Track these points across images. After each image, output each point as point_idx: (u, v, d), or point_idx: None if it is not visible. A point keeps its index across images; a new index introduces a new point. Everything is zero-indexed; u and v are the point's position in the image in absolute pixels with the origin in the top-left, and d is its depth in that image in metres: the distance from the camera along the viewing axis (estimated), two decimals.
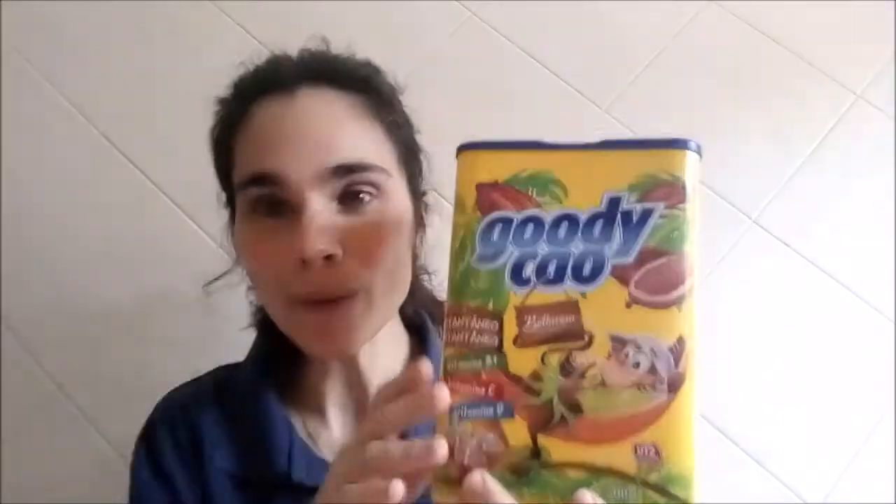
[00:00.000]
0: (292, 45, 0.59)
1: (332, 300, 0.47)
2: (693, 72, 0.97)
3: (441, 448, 0.31)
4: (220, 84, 0.61)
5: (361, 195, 0.48)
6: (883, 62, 0.97)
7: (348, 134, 0.49)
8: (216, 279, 0.66)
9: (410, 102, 0.60)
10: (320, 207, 0.47)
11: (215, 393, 0.60)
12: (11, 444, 0.81)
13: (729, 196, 0.90)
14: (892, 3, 0.99)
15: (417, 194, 0.57)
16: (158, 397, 0.84)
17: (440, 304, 0.72)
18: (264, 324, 0.64)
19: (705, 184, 0.91)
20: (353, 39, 1.00)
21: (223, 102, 0.57)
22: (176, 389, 0.63)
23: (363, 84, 0.53)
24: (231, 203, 0.56)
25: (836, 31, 0.98)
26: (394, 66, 0.60)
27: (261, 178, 0.48)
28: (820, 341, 0.84)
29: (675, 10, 1.00)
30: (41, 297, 0.86)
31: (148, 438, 0.59)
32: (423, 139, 0.61)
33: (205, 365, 0.83)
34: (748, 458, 0.79)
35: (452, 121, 0.64)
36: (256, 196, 0.49)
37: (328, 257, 0.46)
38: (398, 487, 0.31)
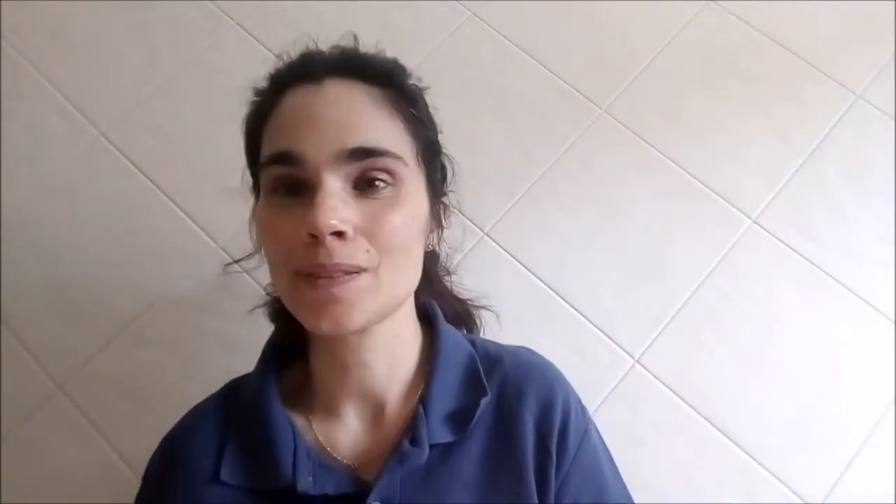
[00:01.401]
0: (296, 44, 0.60)
1: (337, 276, 0.47)
2: (693, 72, 0.97)
3: None
4: (220, 84, 0.61)
5: (377, 182, 0.49)
6: (883, 62, 0.97)
7: (368, 120, 0.51)
8: (237, 261, 0.67)
9: None
10: (335, 188, 0.48)
11: (222, 402, 0.60)
12: (11, 444, 0.81)
13: (729, 196, 0.90)
14: (892, 3, 0.99)
15: (437, 193, 0.58)
16: (158, 398, 0.85)
17: (462, 301, 0.73)
18: (278, 316, 0.65)
19: (705, 184, 0.91)
20: (362, 40, 1.01)
21: (258, 93, 0.58)
22: (195, 406, 0.62)
23: (387, 78, 0.54)
24: (256, 188, 0.58)
25: (836, 31, 0.98)
26: None
27: (281, 157, 0.49)
28: (820, 341, 0.84)
29: (675, 10, 1.00)
30: (41, 297, 0.86)
31: (153, 458, 0.59)
32: None
33: (204, 365, 0.83)
34: (748, 458, 0.79)
35: (453, 121, 0.64)
36: (277, 175, 0.50)
37: (339, 234, 0.47)
38: None
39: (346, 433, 0.56)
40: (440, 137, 0.60)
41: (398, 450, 0.52)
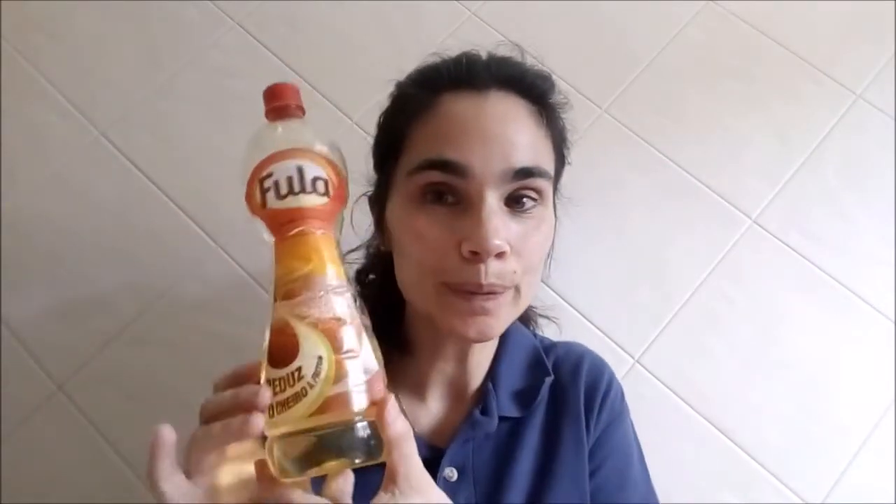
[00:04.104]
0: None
1: (488, 294, 0.50)
2: (693, 72, 0.97)
3: (265, 394, 0.37)
4: (220, 84, 0.61)
5: (525, 199, 0.51)
6: (883, 62, 0.97)
7: (530, 140, 0.52)
8: (351, 251, 0.67)
9: None
10: (497, 207, 0.50)
11: None
12: (11, 444, 0.81)
13: (729, 196, 0.90)
14: (892, 3, 0.99)
15: (556, 207, 0.60)
16: (158, 398, 0.85)
17: (531, 306, 0.74)
18: (374, 303, 0.66)
19: (705, 184, 0.91)
20: (362, 40, 1.01)
21: (403, 88, 0.59)
22: None
23: (543, 96, 0.56)
24: (384, 181, 0.58)
25: (836, 31, 0.98)
26: (394, 65, 0.60)
27: (445, 165, 0.50)
28: (820, 341, 0.84)
29: (675, 10, 1.00)
30: (41, 297, 0.86)
31: None
32: None
33: (205, 365, 0.83)
34: (748, 458, 0.79)
35: None
36: (434, 181, 0.51)
37: (500, 254, 0.49)
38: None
39: (427, 414, 0.60)
40: None
41: (470, 418, 0.58)
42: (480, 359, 0.62)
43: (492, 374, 0.62)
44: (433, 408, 0.61)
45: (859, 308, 0.85)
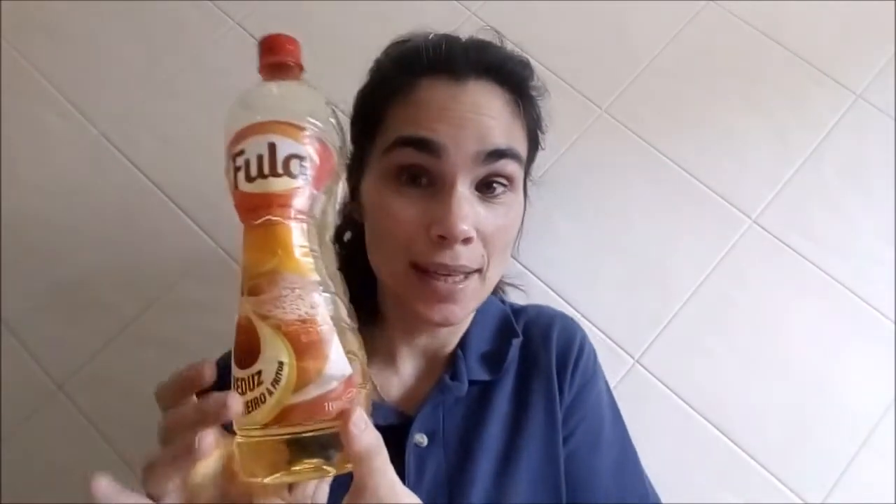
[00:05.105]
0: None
1: (454, 274, 0.52)
2: (693, 72, 0.97)
3: (234, 402, 0.35)
4: (220, 84, 0.61)
5: (495, 185, 0.53)
6: (883, 62, 0.97)
7: (503, 127, 0.54)
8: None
9: None
10: (467, 193, 0.51)
11: None
12: (11, 444, 0.81)
13: (729, 196, 0.90)
14: (892, 3, 0.99)
15: (526, 189, 0.61)
16: None
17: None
18: (348, 272, 0.66)
19: (705, 184, 0.91)
20: (354, 38, 1.01)
21: (382, 68, 0.60)
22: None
23: (521, 84, 0.58)
24: (359, 159, 0.58)
25: (836, 31, 0.98)
26: None
27: (421, 143, 0.51)
28: (820, 341, 0.84)
29: (674, 10, 1.00)
30: (41, 297, 0.86)
31: None
32: None
33: None
34: (748, 457, 0.79)
35: None
36: (407, 161, 0.52)
37: (466, 239, 0.51)
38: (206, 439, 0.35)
39: (399, 382, 0.61)
40: None
41: (439, 383, 0.59)
42: (453, 328, 0.62)
43: (462, 340, 0.63)
44: (405, 375, 0.62)
45: (859, 308, 0.85)
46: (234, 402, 0.35)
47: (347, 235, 0.68)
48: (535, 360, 0.63)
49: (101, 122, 0.95)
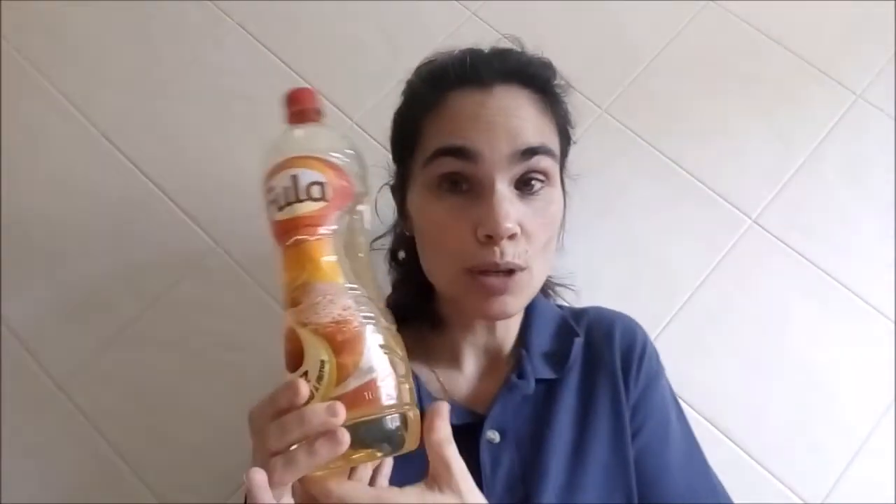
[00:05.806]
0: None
1: (506, 271, 0.54)
2: (693, 72, 0.97)
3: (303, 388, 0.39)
4: (220, 84, 0.61)
5: (533, 182, 0.55)
6: (883, 62, 0.97)
7: (533, 125, 0.56)
8: (377, 238, 0.72)
9: None
10: (507, 191, 0.53)
11: None
12: (11, 444, 0.81)
13: (729, 196, 0.90)
14: (892, 3, 0.99)
15: (564, 184, 0.64)
16: (158, 398, 0.85)
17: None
18: (403, 281, 0.71)
19: (706, 184, 0.91)
20: (362, 40, 1.01)
21: (414, 87, 0.63)
22: None
23: (545, 84, 0.61)
24: (402, 176, 0.63)
25: (836, 31, 0.98)
26: (394, 65, 0.60)
27: (458, 151, 0.54)
28: (820, 341, 0.84)
29: (675, 10, 1.00)
30: (41, 297, 0.86)
31: None
32: None
33: (204, 365, 0.83)
34: (748, 457, 0.79)
35: None
36: (447, 170, 0.55)
37: (511, 236, 0.53)
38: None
39: (465, 381, 0.64)
40: None
41: (507, 383, 0.61)
42: (509, 325, 0.65)
43: (522, 340, 0.65)
44: (469, 374, 0.64)
45: (859, 308, 0.85)
46: (339, 412, 0.38)
47: (401, 255, 0.72)
48: (599, 359, 0.64)
49: (101, 122, 0.95)
